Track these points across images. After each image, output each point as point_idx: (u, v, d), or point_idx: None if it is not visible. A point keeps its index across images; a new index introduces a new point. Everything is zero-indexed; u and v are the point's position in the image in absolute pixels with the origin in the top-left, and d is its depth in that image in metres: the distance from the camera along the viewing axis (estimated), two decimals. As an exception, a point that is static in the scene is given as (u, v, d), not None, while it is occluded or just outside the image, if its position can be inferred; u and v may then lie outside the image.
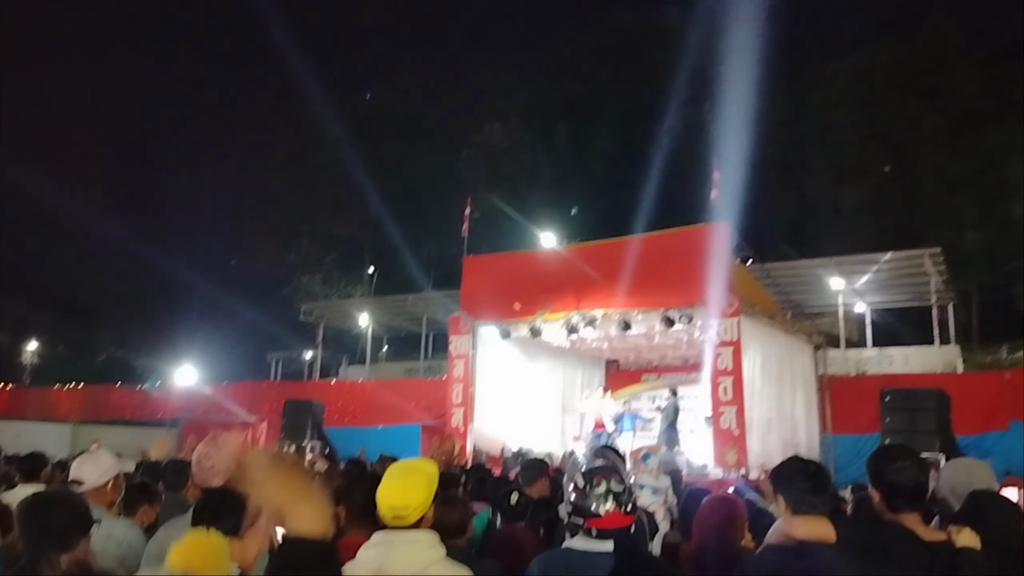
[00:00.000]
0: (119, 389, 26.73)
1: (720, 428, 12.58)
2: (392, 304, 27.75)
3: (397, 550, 2.45)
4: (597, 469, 2.82)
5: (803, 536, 2.37)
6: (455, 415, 15.41)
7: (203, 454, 3.65)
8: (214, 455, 3.63)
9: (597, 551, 2.58)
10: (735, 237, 13.63)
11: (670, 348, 17.16)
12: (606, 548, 2.59)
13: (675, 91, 37.72)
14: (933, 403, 11.16)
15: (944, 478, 3.02)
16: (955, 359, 20.99)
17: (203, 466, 3.63)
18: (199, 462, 3.66)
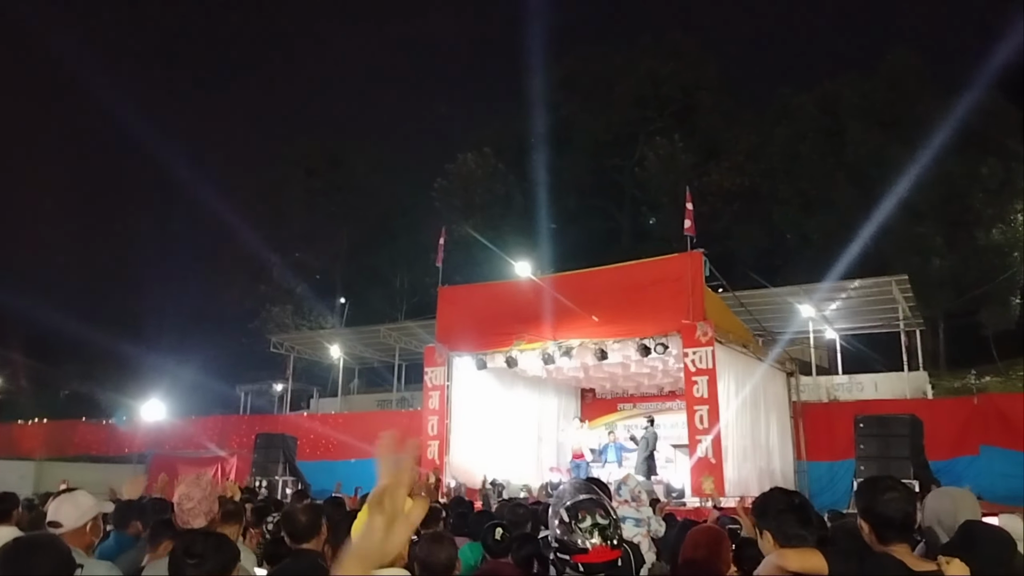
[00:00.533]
0: (84, 424, 26.21)
1: (697, 456, 12.60)
2: (364, 335, 27.53)
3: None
4: (581, 503, 2.79)
5: (796, 568, 2.37)
6: (430, 447, 15.27)
7: (184, 495, 3.57)
8: (196, 495, 3.56)
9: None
10: (707, 266, 13.74)
11: (646, 376, 17.20)
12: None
13: (645, 122, 38.30)
14: (906, 429, 11.30)
15: (929, 508, 3.04)
16: (924, 384, 21.28)
17: (184, 507, 3.55)
18: (180, 503, 3.58)
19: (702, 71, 38.35)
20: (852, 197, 30.02)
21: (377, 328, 26.71)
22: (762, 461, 14.56)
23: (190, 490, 3.54)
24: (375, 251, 39.70)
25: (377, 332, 26.43)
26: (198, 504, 3.50)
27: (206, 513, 3.51)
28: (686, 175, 30.99)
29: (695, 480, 12.67)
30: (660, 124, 37.60)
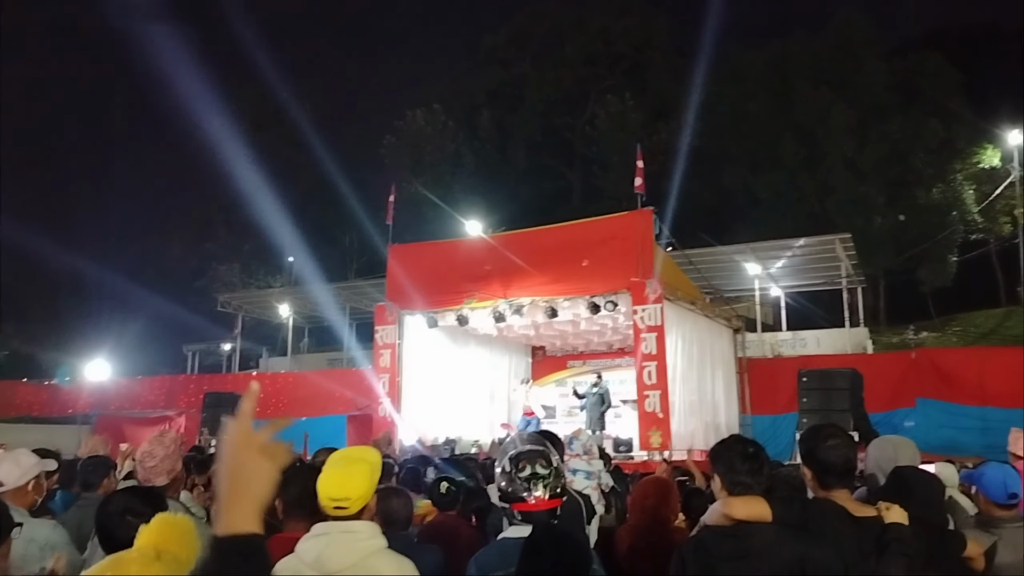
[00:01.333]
0: (26, 385, 25.53)
1: (645, 411, 12.82)
2: (313, 294, 27.24)
3: (335, 540, 2.39)
4: (523, 453, 2.83)
5: (741, 516, 2.43)
6: (383, 405, 15.26)
7: (147, 452, 3.52)
8: (159, 453, 3.51)
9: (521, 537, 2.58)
10: (657, 224, 13.83)
11: (595, 334, 17.38)
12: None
13: (596, 80, 38.17)
14: (847, 383, 11.64)
15: (871, 455, 3.14)
16: (864, 340, 21.94)
17: (146, 465, 3.50)
18: (142, 460, 3.53)
19: (653, 28, 38.27)
20: (799, 157, 30.51)
21: (326, 287, 26.45)
22: (708, 415, 14.89)
23: (153, 448, 3.50)
24: (324, 209, 39.11)
25: (326, 291, 26.17)
26: (160, 462, 3.46)
27: (168, 471, 3.47)
28: (636, 134, 31.06)
29: (643, 434, 12.91)
30: (611, 82, 37.54)
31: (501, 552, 2.70)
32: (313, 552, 2.37)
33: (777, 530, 2.41)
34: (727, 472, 2.56)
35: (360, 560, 2.36)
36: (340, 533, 2.41)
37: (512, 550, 2.54)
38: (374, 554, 2.40)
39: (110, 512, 2.50)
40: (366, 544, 2.41)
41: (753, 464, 2.54)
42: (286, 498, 3.06)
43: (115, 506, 2.53)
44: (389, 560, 2.43)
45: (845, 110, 29.39)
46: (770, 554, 2.39)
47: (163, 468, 3.47)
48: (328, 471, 2.52)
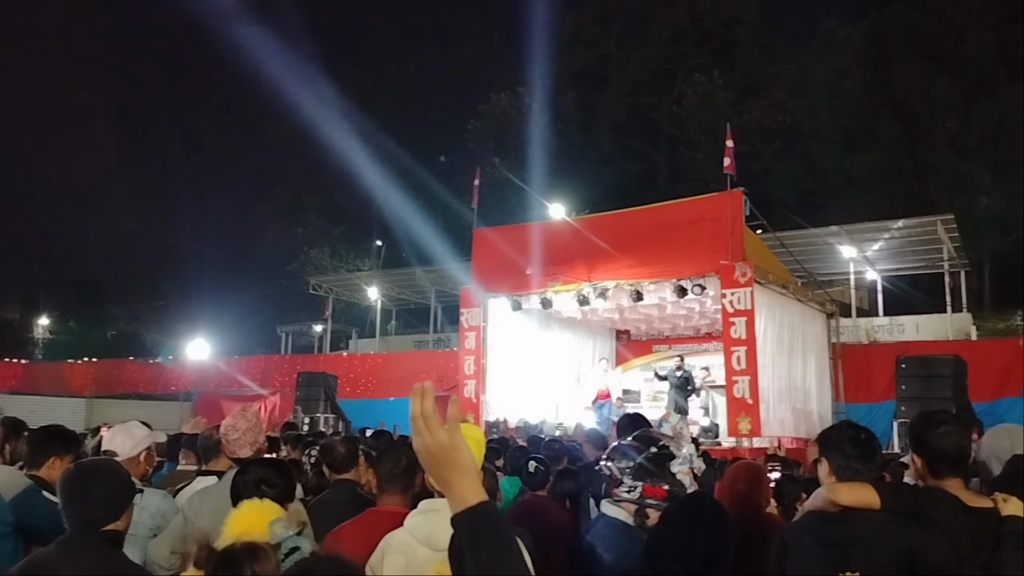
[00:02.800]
0: (132, 363, 26.92)
1: (733, 397, 12.57)
2: (400, 277, 27.75)
3: (445, 518, 2.41)
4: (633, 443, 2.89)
5: (848, 502, 2.35)
6: (467, 387, 15.44)
7: (230, 426, 3.65)
8: (241, 426, 3.63)
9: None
10: (747, 205, 13.47)
11: (682, 318, 17.12)
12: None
13: (683, 58, 37.34)
14: (949, 370, 11.14)
15: (985, 444, 2.98)
16: (967, 326, 20.93)
17: (229, 438, 3.63)
18: (226, 434, 3.66)
19: (742, 4, 37.14)
20: (897, 134, 29.17)
21: (413, 270, 26.89)
22: (799, 402, 14.50)
23: (236, 421, 3.62)
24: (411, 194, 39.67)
25: (413, 274, 26.61)
26: (243, 435, 3.58)
27: (251, 444, 3.59)
28: (725, 113, 30.27)
29: (731, 420, 12.67)
30: (699, 60, 36.66)
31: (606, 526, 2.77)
32: (424, 528, 2.42)
33: (886, 518, 2.32)
34: (836, 457, 2.47)
35: None
36: (449, 509, 2.43)
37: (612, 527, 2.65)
38: None
39: (246, 481, 2.60)
40: None
41: (865, 450, 2.45)
42: (380, 472, 3.13)
43: (251, 475, 2.63)
44: None
45: (948, 85, 27.93)
46: (878, 543, 2.30)
47: (246, 441, 3.58)
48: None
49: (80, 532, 2.34)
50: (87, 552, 2.26)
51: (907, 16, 30.26)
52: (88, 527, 2.34)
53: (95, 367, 25.93)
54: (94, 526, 2.35)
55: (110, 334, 44.84)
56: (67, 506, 2.38)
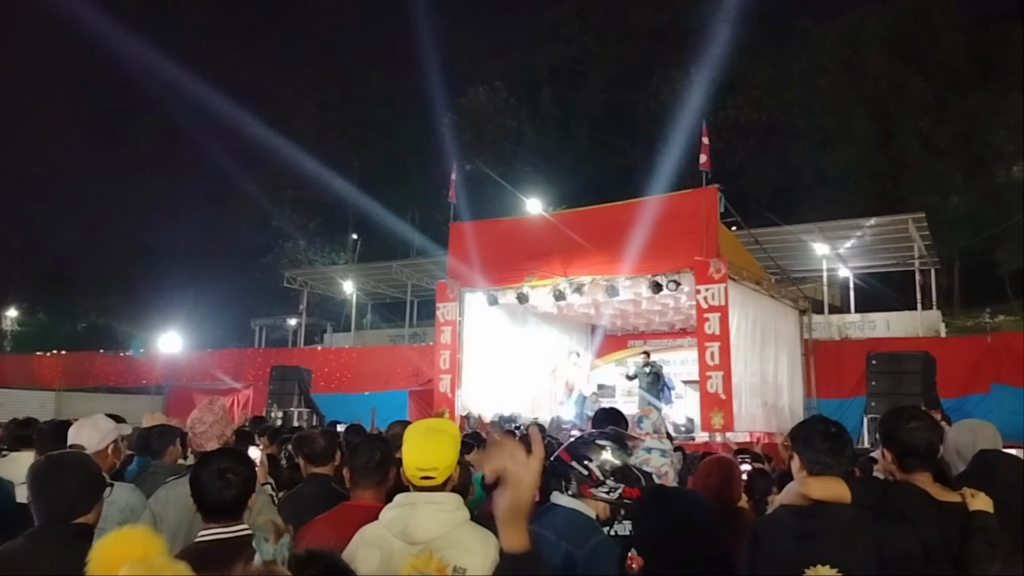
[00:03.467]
0: (102, 356, 26.57)
1: (707, 392, 12.64)
2: (376, 271, 27.60)
3: (421, 512, 2.42)
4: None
5: (819, 496, 2.37)
6: (443, 381, 15.41)
7: (196, 419, 3.61)
8: (208, 419, 3.60)
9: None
10: (722, 202, 13.55)
11: (656, 314, 17.19)
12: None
13: (661, 54, 37.46)
14: (919, 366, 11.28)
15: (949, 438, 3.02)
16: (937, 323, 21.23)
17: (196, 431, 3.59)
18: (192, 427, 3.63)
19: (720, 1, 37.32)
20: (871, 132, 29.51)
21: (389, 264, 26.77)
22: (771, 397, 14.62)
23: (202, 414, 3.58)
24: (387, 187, 39.50)
25: (389, 268, 26.49)
26: (210, 427, 3.55)
27: (218, 436, 3.55)
28: (702, 110, 30.42)
29: (705, 415, 12.75)
30: (676, 57, 36.79)
31: (571, 521, 2.73)
32: (400, 522, 2.41)
33: (857, 512, 2.34)
34: (807, 451, 2.49)
35: (447, 532, 2.38)
36: (426, 504, 2.44)
37: (580, 521, 2.62)
38: (460, 526, 2.43)
39: (209, 471, 2.55)
40: (451, 516, 2.44)
41: (835, 444, 2.46)
42: (354, 467, 3.11)
43: (213, 466, 2.58)
44: (474, 532, 2.44)
45: (921, 84, 28.29)
46: (848, 536, 2.32)
47: (213, 434, 3.55)
48: (414, 442, 2.54)
49: (50, 524, 2.31)
50: (56, 544, 2.22)
51: (882, 15, 30.62)
52: (58, 520, 2.31)
53: (65, 360, 25.57)
54: (64, 519, 2.32)
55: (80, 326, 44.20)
56: (36, 498, 2.35)
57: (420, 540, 2.36)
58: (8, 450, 4.88)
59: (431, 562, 2.30)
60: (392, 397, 17.77)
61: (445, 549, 2.34)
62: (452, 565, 2.32)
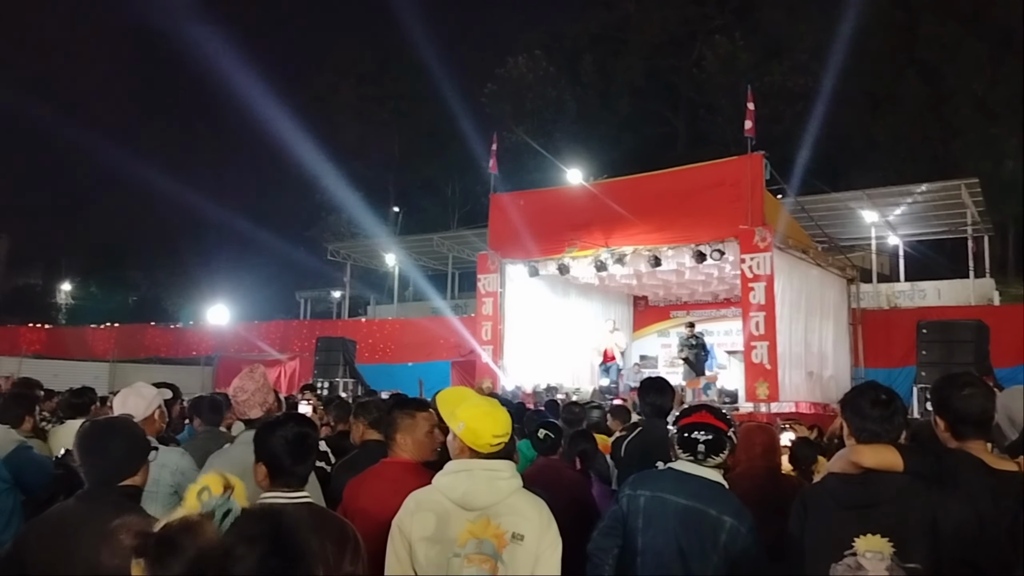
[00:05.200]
0: (153, 328, 27.19)
1: (752, 362, 12.51)
2: (418, 243, 27.75)
3: (478, 478, 2.45)
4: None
5: (870, 464, 2.31)
6: (484, 353, 15.48)
7: (238, 387, 3.65)
8: (249, 387, 3.64)
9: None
10: (768, 169, 13.28)
11: (700, 284, 17.00)
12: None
13: (704, 19, 36.70)
14: (971, 335, 10.99)
15: (1000, 405, 2.93)
16: (990, 292, 20.67)
17: (239, 399, 3.64)
18: (235, 395, 3.67)
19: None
20: (923, 96, 28.64)
21: (430, 236, 26.88)
22: (816, 368, 14.42)
23: (243, 383, 3.62)
24: (427, 159, 39.53)
25: (431, 240, 26.61)
26: (252, 395, 3.58)
27: (261, 404, 3.59)
28: (746, 75, 29.78)
29: (749, 385, 12.63)
30: (719, 22, 36.03)
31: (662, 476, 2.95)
32: (457, 488, 2.44)
33: (909, 480, 2.29)
34: (856, 418, 2.43)
35: (504, 498, 2.43)
36: (482, 471, 2.47)
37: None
38: (515, 493, 2.46)
39: (286, 436, 2.49)
40: (508, 483, 2.47)
41: (884, 411, 2.40)
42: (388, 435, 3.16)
43: (290, 430, 2.52)
44: (528, 499, 2.48)
45: (974, 45, 27.29)
46: (900, 505, 2.27)
47: (255, 401, 3.58)
48: (481, 410, 2.58)
49: (98, 486, 2.38)
50: (105, 505, 2.29)
51: (934, -26, 29.53)
52: (106, 482, 2.38)
53: (117, 332, 26.22)
54: (112, 480, 2.39)
55: (131, 299, 45.31)
56: (84, 462, 2.42)
57: (477, 507, 2.40)
58: (65, 418, 5.05)
59: (488, 528, 2.33)
60: (435, 368, 17.92)
61: (503, 516, 2.39)
62: (511, 532, 2.36)
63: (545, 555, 2.38)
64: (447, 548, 2.36)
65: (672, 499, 2.80)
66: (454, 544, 2.35)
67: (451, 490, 2.44)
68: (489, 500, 2.40)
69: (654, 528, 2.82)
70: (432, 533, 2.39)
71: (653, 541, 2.81)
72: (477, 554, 2.32)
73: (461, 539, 2.34)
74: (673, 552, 2.75)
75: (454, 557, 2.34)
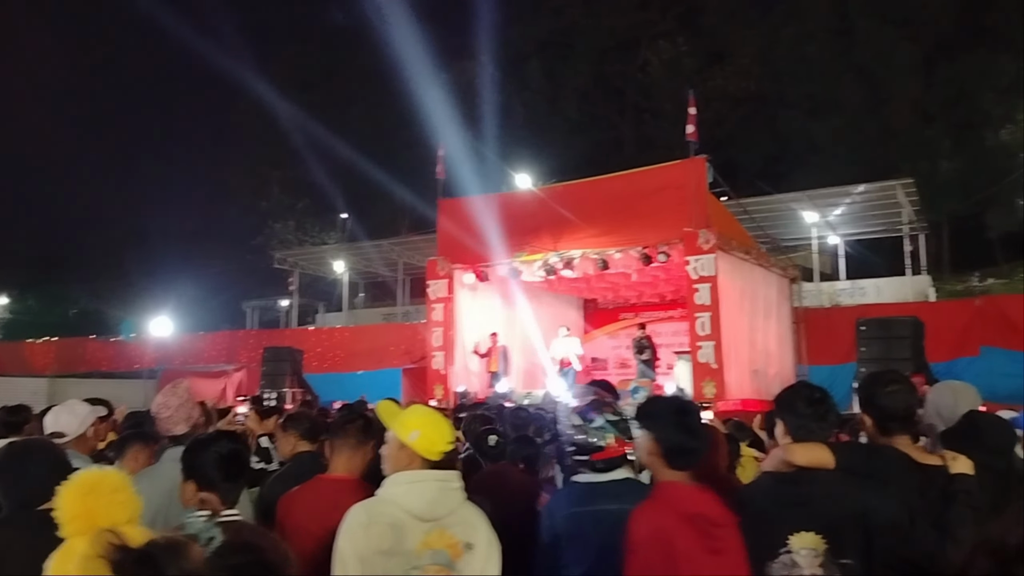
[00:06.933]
0: (94, 341, 26.48)
1: (699, 362, 12.69)
2: (367, 250, 27.54)
3: (432, 489, 2.45)
4: (590, 405, 2.85)
5: (803, 462, 2.37)
6: (435, 359, 15.41)
7: (161, 404, 3.57)
8: (173, 403, 3.55)
9: (607, 480, 2.73)
10: (711, 172, 13.51)
11: (648, 286, 17.21)
12: (614, 477, 2.73)
13: (648, 25, 37.16)
14: (908, 331, 11.31)
15: (930, 401, 3.04)
16: (927, 288, 21.33)
17: (161, 416, 3.54)
18: (158, 412, 3.57)
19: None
20: (860, 99, 29.41)
21: (380, 243, 26.71)
22: (762, 365, 14.68)
23: (167, 399, 3.54)
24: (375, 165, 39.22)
25: (380, 247, 26.43)
26: (175, 411, 3.50)
27: (186, 420, 3.52)
28: (690, 80, 30.26)
29: (697, 385, 12.80)
30: (663, 27, 36.51)
31: (579, 496, 2.81)
32: (409, 499, 2.42)
33: (840, 477, 2.35)
34: (792, 417, 2.49)
35: (456, 508, 2.44)
36: (435, 481, 2.46)
37: (588, 493, 2.73)
38: (464, 504, 2.49)
39: (214, 454, 2.49)
40: (458, 493, 2.49)
41: (818, 410, 2.47)
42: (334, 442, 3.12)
43: (219, 448, 2.52)
44: (474, 509, 2.52)
45: (910, 49, 28.15)
46: (832, 502, 2.33)
47: (179, 417, 3.50)
48: (430, 419, 2.59)
49: (17, 510, 2.30)
50: (24, 530, 2.22)
51: (870, -21, 30.36)
52: (25, 505, 2.31)
53: (56, 346, 25.48)
54: (31, 504, 2.31)
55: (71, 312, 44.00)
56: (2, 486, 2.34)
57: (432, 517, 2.39)
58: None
59: (443, 538, 2.33)
60: (386, 375, 17.80)
61: (455, 526, 2.40)
62: (464, 542, 2.37)
63: (491, 563, 2.42)
64: (405, 561, 2.34)
65: (594, 509, 2.80)
66: (412, 556, 2.34)
67: (407, 501, 2.41)
68: (444, 510, 2.41)
69: (582, 541, 2.82)
70: (390, 546, 2.36)
71: (585, 553, 2.81)
72: (433, 564, 2.32)
73: (419, 551, 2.34)
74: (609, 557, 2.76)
75: (412, 569, 2.33)
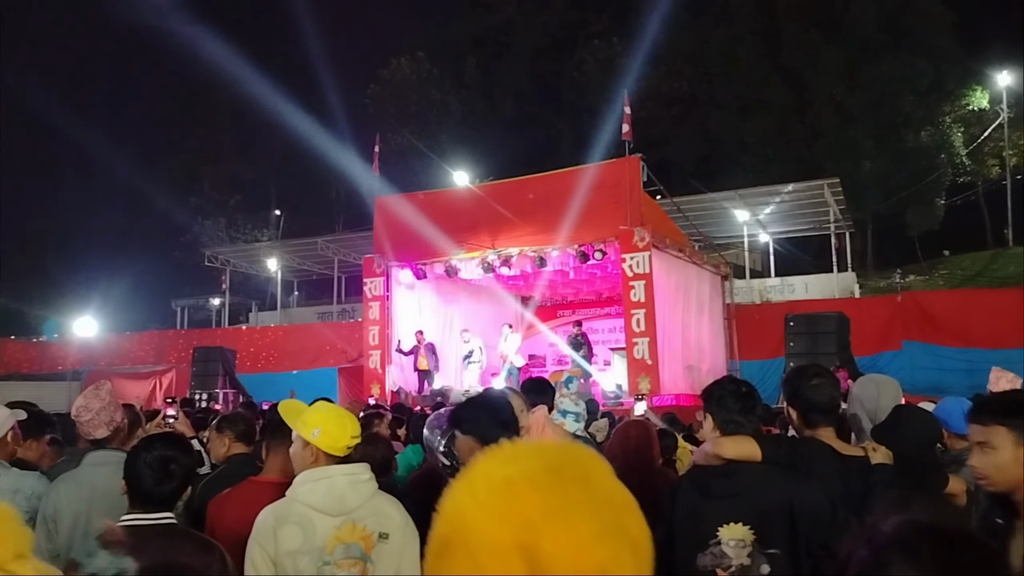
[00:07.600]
0: (14, 342, 25.46)
1: (634, 358, 12.89)
2: (301, 247, 27.07)
3: (340, 483, 2.46)
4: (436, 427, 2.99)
5: (731, 455, 2.44)
6: (372, 358, 15.28)
7: (81, 407, 3.45)
8: (94, 406, 3.44)
9: None
10: (645, 171, 13.73)
11: (584, 283, 17.38)
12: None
13: (583, 24, 37.50)
14: (833, 326, 11.72)
15: (853, 394, 3.16)
16: (852, 285, 22.06)
17: (82, 419, 3.43)
18: (78, 415, 3.46)
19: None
20: (788, 101, 30.23)
21: (314, 240, 26.28)
22: (695, 361, 14.97)
23: (88, 401, 3.43)
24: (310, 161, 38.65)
25: (315, 244, 26.01)
26: (97, 414, 3.39)
27: (107, 423, 3.41)
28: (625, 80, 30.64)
29: (632, 381, 13.00)
30: (598, 27, 36.90)
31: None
32: (322, 495, 2.42)
33: (767, 470, 2.42)
34: (720, 411, 2.56)
35: (367, 501, 2.46)
36: (342, 476, 2.48)
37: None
38: (375, 494, 2.50)
39: (151, 459, 2.42)
40: (368, 485, 2.50)
41: (746, 403, 2.54)
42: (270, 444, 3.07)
43: (156, 453, 2.44)
44: (387, 499, 2.54)
45: (834, 52, 29.05)
46: (759, 493, 2.40)
47: (100, 420, 3.39)
48: (334, 414, 2.62)
49: None
50: None
51: (797, -17, 31.18)
52: None
53: (-27, 348, 24.39)
54: None
55: (-11, 313, 42.15)
56: None
57: (341, 511, 2.40)
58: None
59: (355, 531, 2.34)
60: (321, 375, 17.56)
61: (367, 518, 2.42)
62: (377, 532, 2.40)
63: (408, 550, 2.44)
64: (317, 557, 2.35)
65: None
66: (324, 552, 2.35)
67: (312, 498, 2.41)
68: (354, 503, 2.42)
69: None
70: (300, 545, 2.36)
71: None
72: (346, 559, 2.35)
73: (330, 546, 2.34)
74: None
75: (324, 565, 2.34)
